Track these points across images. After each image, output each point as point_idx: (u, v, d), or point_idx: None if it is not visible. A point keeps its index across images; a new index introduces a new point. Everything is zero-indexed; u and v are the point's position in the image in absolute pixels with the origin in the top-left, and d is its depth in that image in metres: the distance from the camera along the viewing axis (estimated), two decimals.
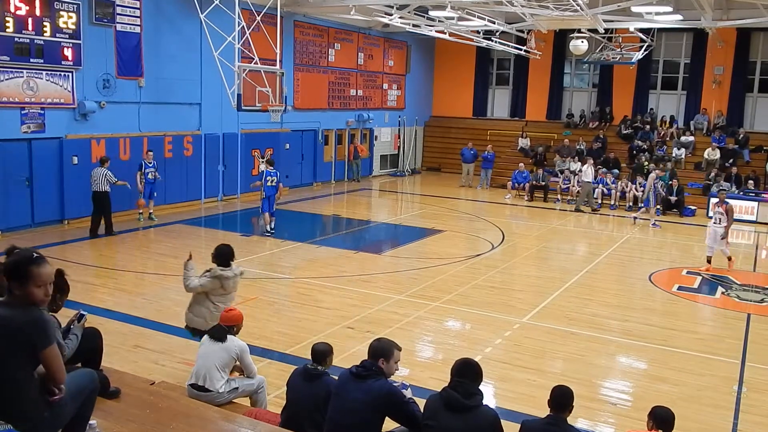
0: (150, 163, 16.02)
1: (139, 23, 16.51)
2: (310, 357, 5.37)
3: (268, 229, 15.36)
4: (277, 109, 16.64)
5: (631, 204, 21.13)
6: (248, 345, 6.19)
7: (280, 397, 6.75)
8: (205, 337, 6.08)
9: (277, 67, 16.92)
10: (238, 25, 15.62)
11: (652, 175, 19.07)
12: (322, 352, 5.31)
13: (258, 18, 16.33)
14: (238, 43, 15.75)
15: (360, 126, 25.91)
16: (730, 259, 13.85)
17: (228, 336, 5.97)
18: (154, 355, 8.15)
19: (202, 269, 7.49)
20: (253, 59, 16.20)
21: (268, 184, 15.28)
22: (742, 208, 19.93)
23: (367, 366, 4.74)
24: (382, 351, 4.81)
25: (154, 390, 5.48)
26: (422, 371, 7.89)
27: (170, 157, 17.65)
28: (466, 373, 4.48)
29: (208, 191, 19.11)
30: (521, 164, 23.90)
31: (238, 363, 6.03)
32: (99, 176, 14.32)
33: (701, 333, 9.99)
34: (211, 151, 19.01)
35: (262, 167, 16.47)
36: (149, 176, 15.91)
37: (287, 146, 22.00)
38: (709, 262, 13.68)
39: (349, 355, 7.98)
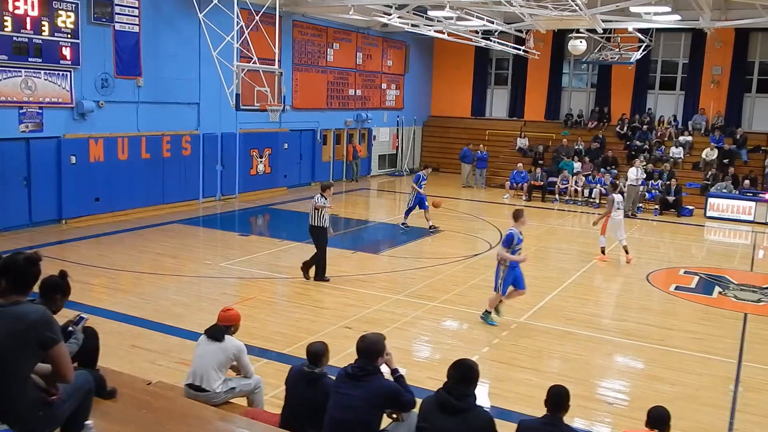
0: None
1: (137, 23, 16.50)
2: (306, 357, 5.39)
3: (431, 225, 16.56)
4: (276, 108, 16.66)
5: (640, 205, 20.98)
6: (246, 345, 6.19)
7: (277, 396, 6.76)
8: (203, 336, 6.07)
9: (276, 66, 16.93)
10: (237, 25, 15.63)
11: None
12: (317, 353, 5.33)
13: (257, 18, 16.33)
14: (237, 42, 15.76)
15: (358, 126, 25.92)
16: (604, 252, 14.20)
17: (225, 336, 5.96)
18: (152, 355, 8.15)
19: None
20: (252, 59, 16.21)
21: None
22: (740, 207, 20.00)
23: (362, 366, 4.77)
24: (377, 351, 4.85)
25: (151, 390, 5.49)
26: (420, 371, 7.89)
27: (168, 156, 17.65)
28: (461, 374, 4.50)
29: (206, 191, 19.11)
30: (520, 164, 23.90)
31: (235, 363, 6.03)
32: (316, 208, 11.42)
33: (698, 332, 10.00)
34: (209, 151, 19.01)
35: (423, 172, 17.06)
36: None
37: (286, 146, 22.01)
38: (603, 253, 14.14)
39: (346, 354, 7.94)
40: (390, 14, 19.85)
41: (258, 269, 12.42)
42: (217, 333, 5.96)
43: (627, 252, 14.04)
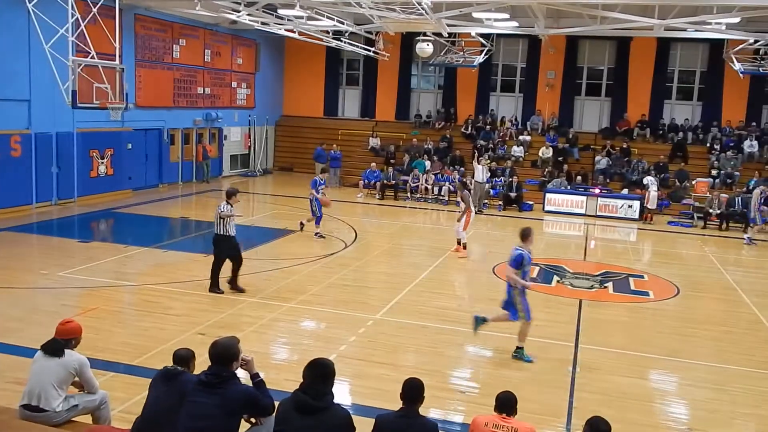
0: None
1: None
2: (157, 366, 5.17)
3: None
4: (117, 106, 15.72)
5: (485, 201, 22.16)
6: (89, 358, 5.80)
7: (126, 411, 6.42)
8: (39, 352, 5.61)
9: (117, 62, 15.98)
10: (72, 17, 14.57)
11: (756, 191, 18.33)
12: (184, 357, 5.23)
13: (94, 9, 15.32)
14: (72, 35, 14.69)
15: (208, 125, 25.15)
16: (460, 243, 14.93)
17: (65, 350, 5.56)
18: None
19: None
20: (90, 53, 15.18)
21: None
22: (572, 202, 21.68)
23: (217, 372, 4.62)
24: (231, 356, 4.72)
25: None
26: (278, 373, 7.78)
27: None
28: (316, 373, 4.51)
29: (39, 195, 17.66)
30: (373, 164, 24.31)
31: (77, 379, 5.64)
32: (221, 216, 10.87)
33: (540, 320, 10.59)
34: (42, 152, 17.60)
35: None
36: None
37: (129, 146, 20.88)
38: (459, 244, 14.93)
39: (201, 361, 7.68)
40: (239, 11, 19.39)
41: (101, 277, 11.67)
42: (55, 347, 5.55)
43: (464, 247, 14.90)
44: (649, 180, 21.18)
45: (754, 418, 7.49)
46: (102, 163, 19.78)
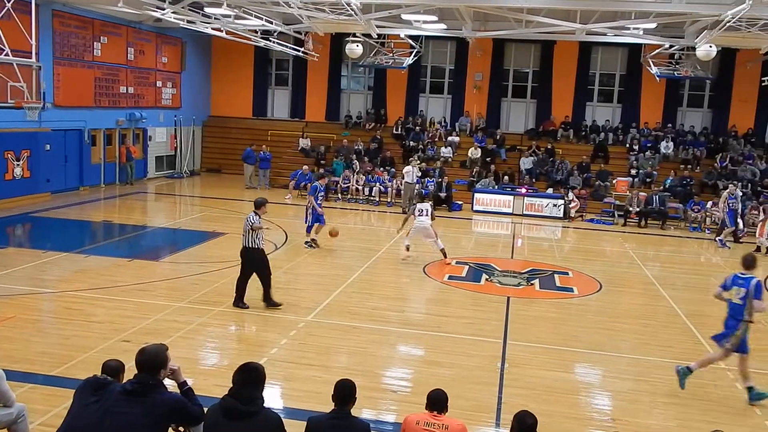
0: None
1: None
2: (79, 376, 4.97)
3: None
4: (34, 106, 15.07)
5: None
6: (5, 370, 5.54)
7: (45, 424, 6.17)
8: None
9: (33, 60, 15.31)
10: None
11: (725, 194, 18.73)
12: (115, 369, 5.08)
13: (8, 5, 14.63)
14: None
15: (132, 125, 24.41)
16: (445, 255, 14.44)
17: None
18: None
19: None
20: (4, 50, 14.49)
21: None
22: (500, 201, 22.16)
23: (143, 381, 4.47)
24: (159, 363, 4.58)
25: None
26: (206, 379, 7.63)
27: None
28: (246, 377, 4.44)
29: None
30: (305, 166, 24.08)
31: None
32: (253, 228, 10.47)
33: (469, 317, 10.86)
34: None
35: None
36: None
37: (47, 147, 20.02)
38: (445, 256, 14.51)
39: (126, 369, 7.45)
40: (164, 9, 18.89)
41: (18, 285, 11.13)
42: None
43: (444, 255, 14.36)
44: (571, 196, 21.78)
45: (673, 407, 7.82)
46: (18, 165, 18.90)
